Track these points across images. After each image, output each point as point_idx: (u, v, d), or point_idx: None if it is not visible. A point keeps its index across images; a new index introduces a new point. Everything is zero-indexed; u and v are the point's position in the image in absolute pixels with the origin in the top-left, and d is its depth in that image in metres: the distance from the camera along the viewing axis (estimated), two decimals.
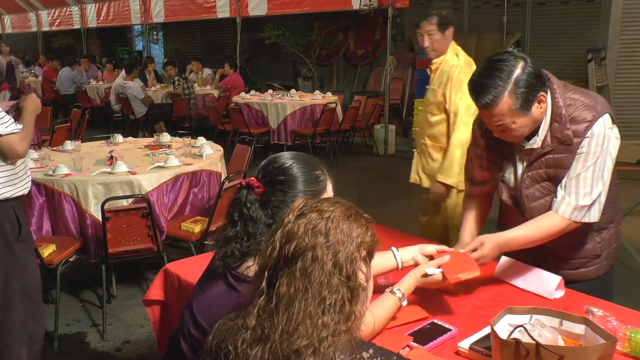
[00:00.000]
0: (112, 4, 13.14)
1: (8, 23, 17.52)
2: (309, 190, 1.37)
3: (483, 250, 1.81)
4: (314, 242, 1.03)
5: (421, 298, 1.84)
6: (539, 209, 1.89)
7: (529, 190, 1.90)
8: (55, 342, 3.24)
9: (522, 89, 1.69)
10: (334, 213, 1.07)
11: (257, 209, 1.34)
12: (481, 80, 1.71)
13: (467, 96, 1.82)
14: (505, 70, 1.68)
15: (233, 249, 1.33)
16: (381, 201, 5.91)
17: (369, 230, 1.09)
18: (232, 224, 1.35)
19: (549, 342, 1.37)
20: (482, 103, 1.71)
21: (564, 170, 1.82)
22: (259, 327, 1.02)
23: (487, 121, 1.79)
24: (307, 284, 1.00)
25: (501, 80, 1.68)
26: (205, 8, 10.76)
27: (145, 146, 4.58)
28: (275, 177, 1.37)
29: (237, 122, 7.80)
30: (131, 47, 17.46)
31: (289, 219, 1.07)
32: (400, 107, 9.88)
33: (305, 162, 1.41)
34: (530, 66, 1.70)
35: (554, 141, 1.80)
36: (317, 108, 7.71)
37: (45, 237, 3.52)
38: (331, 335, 0.99)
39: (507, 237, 1.84)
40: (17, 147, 2.49)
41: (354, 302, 1.04)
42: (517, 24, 8.86)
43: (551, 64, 8.74)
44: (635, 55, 8.05)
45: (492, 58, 1.74)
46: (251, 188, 1.36)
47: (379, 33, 10.93)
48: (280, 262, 1.04)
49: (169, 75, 9.55)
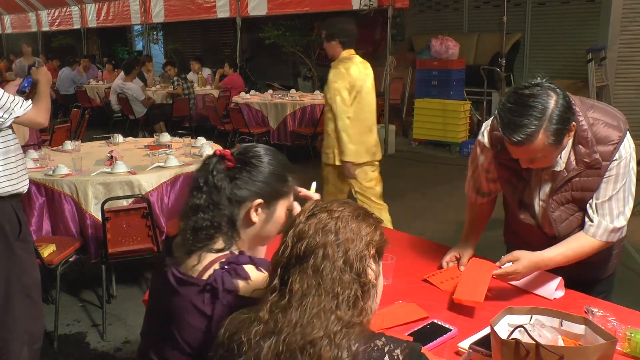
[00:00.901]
0: (112, 4, 13.14)
1: (8, 23, 17.51)
2: (274, 184, 1.39)
3: (518, 267, 1.79)
4: (324, 241, 1.07)
5: (421, 298, 1.85)
6: (566, 229, 1.89)
7: (556, 213, 1.88)
8: (55, 342, 3.24)
9: (556, 126, 1.62)
10: (343, 213, 1.11)
11: (222, 178, 1.34)
12: (514, 118, 1.62)
13: (340, 92, 1.92)
14: (538, 107, 1.61)
15: (203, 219, 1.32)
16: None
17: (377, 230, 1.13)
18: (197, 189, 1.35)
19: (549, 342, 1.37)
20: (516, 141, 1.63)
21: (591, 192, 1.80)
22: (272, 321, 1.06)
23: (518, 156, 1.74)
24: (320, 280, 1.05)
25: (535, 119, 1.60)
26: (205, 8, 10.76)
27: (145, 146, 4.59)
28: (248, 159, 1.39)
29: (237, 122, 7.79)
30: (131, 47, 17.45)
31: (300, 220, 1.12)
32: (400, 107, 9.88)
33: (280, 161, 1.43)
34: (562, 98, 1.63)
35: (580, 165, 1.77)
36: (317, 108, 7.71)
37: (45, 237, 3.52)
38: (345, 327, 1.03)
39: (546, 257, 1.82)
40: (38, 119, 2.67)
41: (366, 297, 1.08)
42: (517, 24, 8.86)
43: (551, 64, 8.75)
44: (635, 55, 8.05)
45: (522, 92, 1.65)
46: (223, 159, 1.37)
47: (379, 33, 10.93)
48: (292, 260, 1.08)
49: (168, 75, 9.55)
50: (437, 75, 8.60)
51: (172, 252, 1.42)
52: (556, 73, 8.53)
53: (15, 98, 2.57)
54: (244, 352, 1.07)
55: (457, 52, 8.65)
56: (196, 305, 1.28)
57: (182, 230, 1.37)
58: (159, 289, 1.41)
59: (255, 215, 1.38)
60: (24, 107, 2.58)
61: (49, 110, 2.74)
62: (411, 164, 7.80)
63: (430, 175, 7.13)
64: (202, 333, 1.28)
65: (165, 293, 1.36)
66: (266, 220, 1.41)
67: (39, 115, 2.65)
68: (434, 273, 2.05)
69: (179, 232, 1.40)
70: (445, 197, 6.17)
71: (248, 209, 1.37)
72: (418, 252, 2.25)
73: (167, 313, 1.35)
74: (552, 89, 1.64)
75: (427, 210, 5.69)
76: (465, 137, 8.36)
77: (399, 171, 7.46)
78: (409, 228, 4.71)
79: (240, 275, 1.27)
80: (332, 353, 1.00)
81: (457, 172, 7.25)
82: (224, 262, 1.30)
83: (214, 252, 1.33)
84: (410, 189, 6.47)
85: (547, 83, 1.65)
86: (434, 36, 8.83)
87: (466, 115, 8.30)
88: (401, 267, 2.02)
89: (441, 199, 6.09)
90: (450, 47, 8.55)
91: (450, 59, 8.55)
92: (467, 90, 8.81)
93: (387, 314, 1.71)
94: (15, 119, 2.55)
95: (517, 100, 1.64)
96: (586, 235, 1.82)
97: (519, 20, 8.95)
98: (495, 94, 8.22)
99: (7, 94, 2.53)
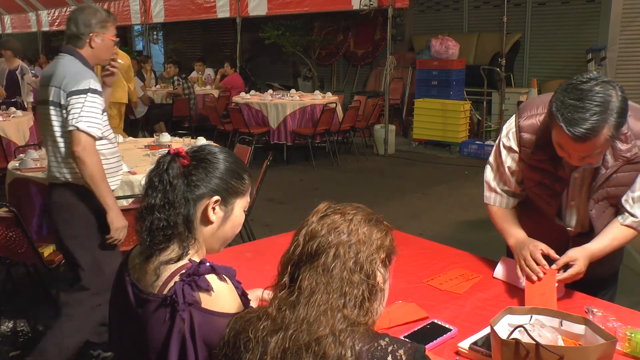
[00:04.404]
0: (112, 4, 13.13)
1: (8, 23, 17.50)
2: (231, 181, 1.37)
3: (580, 267, 1.78)
4: (337, 241, 1.09)
5: (421, 298, 1.85)
6: (601, 226, 1.89)
7: (593, 211, 1.87)
8: None
9: (619, 119, 1.59)
10: (356, 216, 1.13)
11: (177, 176, 1.32)
12: (578, 113, 1.57)
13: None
14: (602, 101, 1.57)
15: (159, 219, 1.29)
16: (381, 201, 5.91)
17: (388, 236, 1.15)
18: (152, 189, 1.33)
19: (549, 342, 1.37)
20: (581, 136, 1.58)
21: (626, 187, 1.80)
22: (280, 317, 1.07)
23: (575, 152, 1.67)
24: (329, 279, 1.06)
25: (600, 114, 1.56)
26: (205, 8, 10.76)
27: (145, 146, 4.58)
28: (203, 156, 1.39)
29: (237, 122, 7.80)
30: (131, 47, 17.44)
31: (313, 220, 1.14)
32: (400, 107, 9.89)
33: (235, 159, 1.42)
34: (620, 91, 1.60)
35: (619, 160, 1.76)
36: (317, 108, 7.71)
37: (45, 237, 3.52)
38: (350, 326, 1.04)
39: (597, 248, 1.82)
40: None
41: (372, 299, 1.10)
42: (517, 24, 8.87)
43: (551, 64, 8.76)
44: (635, 55, 8.06)
45: (582, 88, 1.60)
46: (178, 156, 1.36)
47: (379, 33, 10.93)
48: (303, 258, 1.10)
49: (168, 74, 9.55)
50: (437, 75, 8.61)
51: (127, 263, 1.38)
52: (556, 73, 8.54)
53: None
54: (251, 348, 1.08)
55: (457, 52, 8.65)
56: (157, 321, 1.25)
57: (138, 232, 1.33)
58: (121, 309, 1.37)
59: (213, 214, 1.35)
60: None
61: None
62: (411, 164, 7.81)
63: (430, 175, 7.13)
64: (162, 346, 1.25)
65: (127, 316, 1.33)
66: (224, 219, 1.37)
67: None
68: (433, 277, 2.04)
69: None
70: (445, 197, 6.18)
71: (205, 207, 1.34)
72: (418, 252, 2.25)
73: (131, 337, 1.32)
74: (609, 82, 1.62)
75: (427, 210, 5.69)
76: (465, 137, 8.36)
77: (399, 171, 7.47)
78: (409, 228, 4.71)
79: (201, 287, 1.23)
80: (337, 351, 1.01)
81: (457, 172, 7.26)
82: (183, 273, 1.26)
83: (172, 263, 1.29)
84: (410, 189, 6.47)
85: (602, 77, 1.63)
86: (434, 36, 8.84)
87: (466, 115, 8.30)
88: (401, 267, 2.02)
89: (441, 199, 6.09)
90: (450, 47, 8.56)
91: (450, 59, 8.56)
92: (467, 90, 8.81)
93: (387, 314, 1.71)
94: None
95: (579, 95, 1.59)
96: (626, 228, 1.84)
97: (519, 20, 8.96)
98: (495, 93, 8.23)
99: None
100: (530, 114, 1.86)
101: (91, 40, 2.61)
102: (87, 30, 2.60)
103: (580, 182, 1.85)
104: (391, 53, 8.39)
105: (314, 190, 6.60)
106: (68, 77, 2.51)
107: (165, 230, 1.30)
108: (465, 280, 1.99)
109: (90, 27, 2.60)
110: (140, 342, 1.29)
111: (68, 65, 2.56)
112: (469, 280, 2.00)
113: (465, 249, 2.30)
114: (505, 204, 2.02)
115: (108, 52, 2.72)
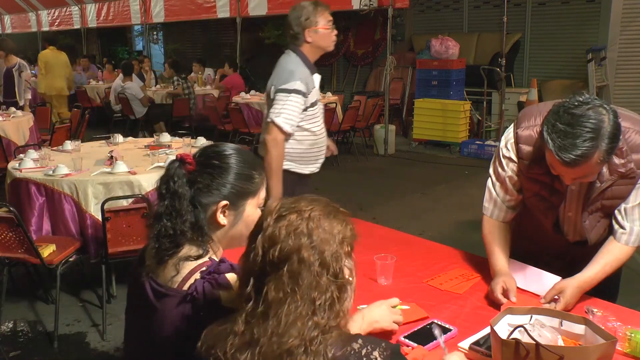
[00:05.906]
0: (112, 4, 13.13)
1: (8, 23, 17.50)
2: (239, 185, 1.35)
3: (567, 299, 1.74)
4: (298, 244, 1.03)
5: (421, 298, 1.85)
6: (595, 236, 1.89)
7: (587, 222, 1.87)
8: (55, 342, 3.24)
9: (611, 144, 1.57)
10: (314, 212, 1.07)
11: (183, 184, 1.31)
12: (568, 139, 1.55)
13: None
14: (592, 127, 1.54)
15: (165, 227, 1.30)
16: (381, 201, 5.91)
17: (348, 225, 1.10)
18: (161, 198, 1.33)
19: (549, 342, 1.37)
20: (571, 163, 1.56)
21: (620, 200, 1.79)
22: (248, 332, 1.03)
23: (567, 175, 1.67)
24: (296, 287, 1.01)
25: (591, 140, 1.54)
26: (205, 8, 10.76)
27: (145, 146, 4.58)
28: (209, 160, 1.36)
29: (237, 122, 7.80)
30: (131, 47, 17.44)
31: (268, 222, 1.06)
32: (400, 107, 9.89)
33: (246, 158, 1.39)
34: (612, 115, 1.57)
35: (614, 174, 1.75)
36: None
37: (45, 237, 3.52)
38: (322, 333, 1.01)
39: (588, 277, 1.78)
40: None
41: (342, 298, 1.06)
42: (517, 24, 8.87)
43: (551, 64, 8.76)
44: (635, 55, 8.05)
45: (573, 112, 1.57)
46: (183, 163, 1.34)
47: (379, 33, 10.93)
48: (266, 268, 1.03)
49: (168, 74, 9.55)
50: (437, 75, 8.61)
51: (144, 260, 1.38)
52: (556, 73, 8.54)
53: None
54: None
55: (457, 52, 8.65)
56: (177, 317, 1.25)
57: (149, 238, 1.34)
58: (137, 304, 1.38)
59: (223, 217, 1.35)
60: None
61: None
62: (411, 164, 7.80)
63: (430, 175, 7.13)
64: (181, 341, 1.25)
65: (144, 310, 1.33)
66: (235, 221, 1.37)
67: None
68: (433, 277, 2.04)
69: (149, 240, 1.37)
70: (445, 197, 6.17)
71: (214, 212, 1.34)
72: (418, 252, 2.25)
73: (147, 331, 1.32)
74: (601, 105, 1.58)
75: (427, 210, 5.69)
76: (465, 137, 8.36)
77: (399, 171, 7.47)
78: (409, 228, 4.70)
79: (221, 284, 1.24)
80: None
81: (457, 172, 7.26)
82: (204, 271, 1.27)
83: (192, 260, 1.30)
84: (410, 189, 6.47)
85: (595, 99, 1.60)
86: (434, 36, 8.83)
87: (466, 115, 8.30)
88: (401, 267, 2.02)
89: (441, 199, 6.09)
90: (450, 47, 8.56)
91: (450, 59, 8.55)
92: (467, 90, 8.81)
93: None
94: None
95: (570, 120, 1.56)
96: (619, 244, 1.80)
97: (519, 20, 8.96)
98: (495, 94, 8.23)
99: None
100: (528, 125, 1.85)
101: (306, 35, 2.87)
102: (299, 29, 2.89)
103: (577, 195, 1.84)
104: (391, 53, 8.38)
105: (314, 190, 6.59)
106: (279, 75, 2.85)
107: (172, 238, 1.30)
108: (465, 280, 1.99)
109: (300, 24, 2.88)
110: (157, 335, 1.29)
111: (283, 64, 2.90)
112: (469, 280, 2.00)
113: (466, 249, 2.30)
114: (503, 217, 2.00)
115: (327, 39, 2.92)
